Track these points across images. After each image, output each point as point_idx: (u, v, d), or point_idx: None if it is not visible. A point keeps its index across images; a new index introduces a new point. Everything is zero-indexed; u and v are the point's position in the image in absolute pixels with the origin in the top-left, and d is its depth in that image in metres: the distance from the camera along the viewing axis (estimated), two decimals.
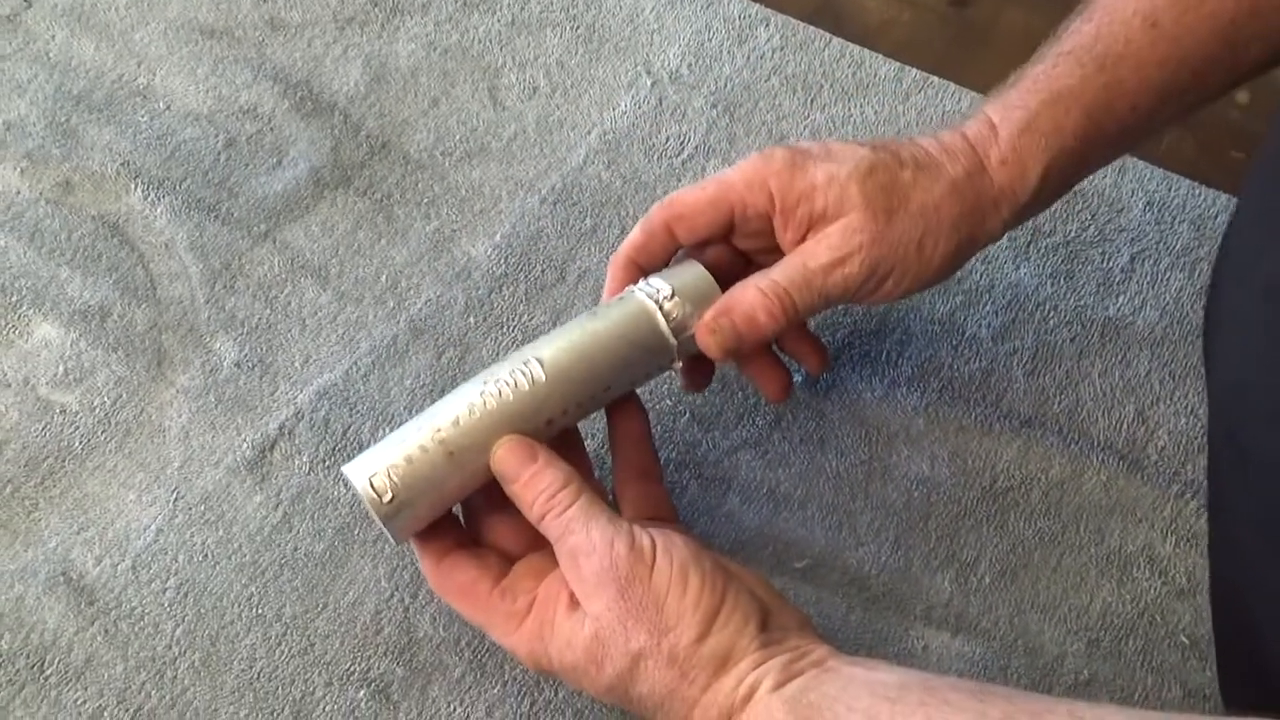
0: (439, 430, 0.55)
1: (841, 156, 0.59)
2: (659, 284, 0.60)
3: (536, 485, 0.55)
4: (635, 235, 0.62)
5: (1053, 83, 0.59)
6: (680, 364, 0.61)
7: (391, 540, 0.58)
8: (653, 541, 0.53)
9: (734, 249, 0.63)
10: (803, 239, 0.60)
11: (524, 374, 0.56)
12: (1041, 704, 0.46)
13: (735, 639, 0.52)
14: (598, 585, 0.52)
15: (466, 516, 0.60)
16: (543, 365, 0.57)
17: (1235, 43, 0.57)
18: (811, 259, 0.58)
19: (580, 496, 0.54)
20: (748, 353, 0.61)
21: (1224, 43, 0.57)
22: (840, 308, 0.72)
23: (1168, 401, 0.70)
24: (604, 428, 0.64)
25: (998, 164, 0.59)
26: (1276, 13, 0.56)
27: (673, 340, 0.60)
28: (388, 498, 0.54)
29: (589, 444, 0.63)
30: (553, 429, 0.58)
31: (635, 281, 0.61)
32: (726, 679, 0.51)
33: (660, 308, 0.59)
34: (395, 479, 0.54)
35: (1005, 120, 0.59)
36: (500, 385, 0.56)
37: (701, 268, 0.61)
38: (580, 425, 0.60)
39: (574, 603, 0.54)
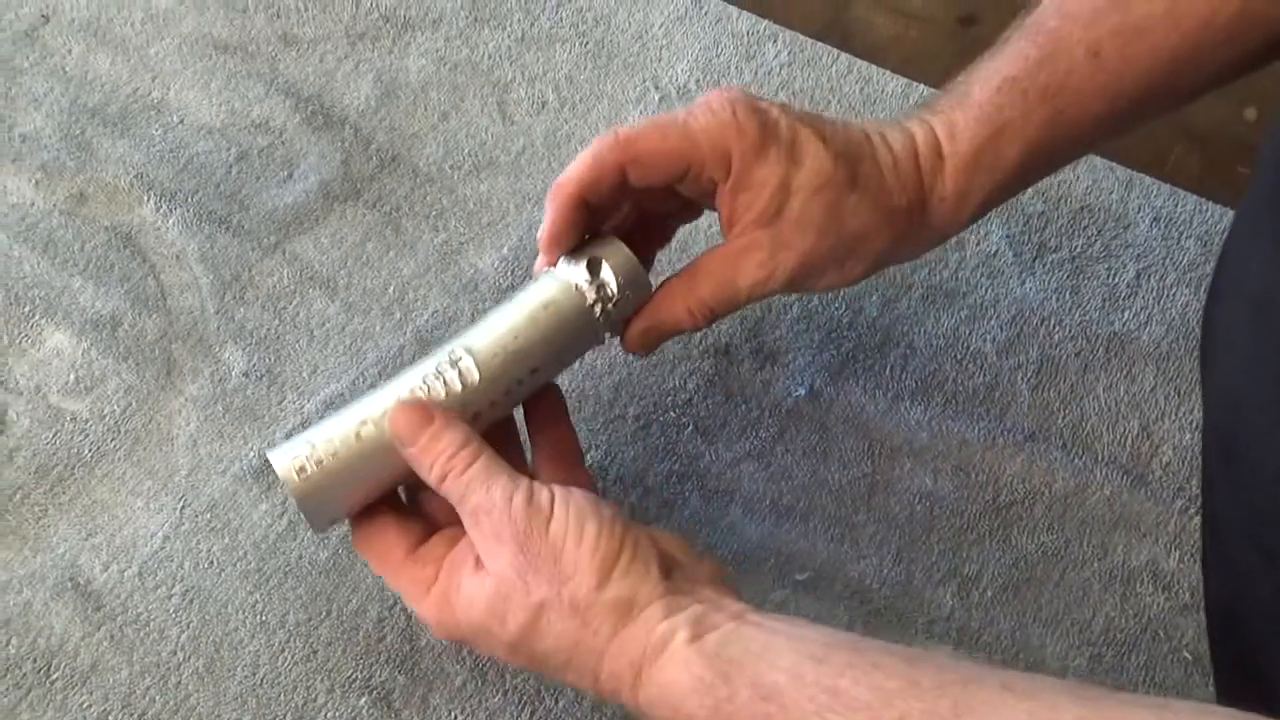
0: (364, 423, 0.55)
1: (804, 159, 0.58)
2: (571, 262, 0.59)
3: (434, 448, 0.54)
4: (585, 171, 0.59)
5: (997, 113, 0.58)
6: (605, 342, 0.61)
7: (311, 527, 0.58)
8: (551, 494, 0.53)
9: (672, 191, 0.62)
10: (732, 222, 0.59)
11: (454, 370, 0.56)
12: (973, 671, 0.45)
13: (638, 585, 0.51)
14: (497, 541, 0.52)
15: (405, 485, 0.60)
16: (474, 360, 0.57)
17: (1175, 74, 0.58)
18: (740, 276, 0.59)
19: (479, 456, 0.54)
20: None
21: (1164, 75, 0.58)
22: (843, 319, 0.72)
23: (1172, 417, 0.70)
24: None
25: (938, 200, 0.59)
26: (1215, 50, 0.57)
27: (601, 321, 0.59)
28: (304, 479, 0.55)
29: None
30: (481, 422, 0.58)
31: (579, 218, 0.59)
32: (634, 627, 0.51)
33: (587, 291, 0.59)
34: (314, 465, 0.55)
35: (952, 152, 0.59)
36: (430, 382, 0.56)
37: (622, 245, 0.60)
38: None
39: (479, 565, 0.54)
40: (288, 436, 0.66)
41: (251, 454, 0.67)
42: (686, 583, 0.53)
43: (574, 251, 0.60)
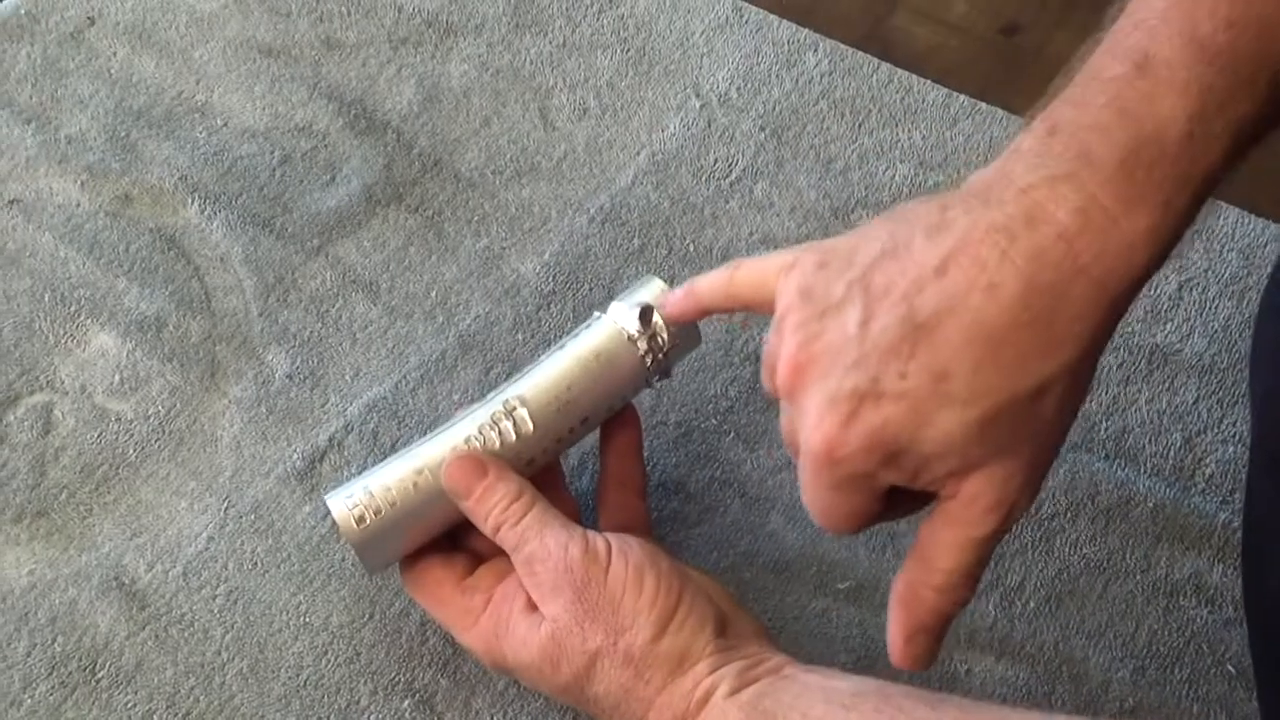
0: (421, 471, 0.57)
1: (932, 401, 0.45)
2: (624, 309, 0.60)
3: (489, 500, 0.56)
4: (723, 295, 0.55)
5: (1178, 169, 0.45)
6: (653, 388, 0.62)
7: (365, 569, 0.60)
8: (608, 544, 0.54)
9: None
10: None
11: (509, 420, 0.58)
12: (997, 714, 0.45)
13: (691, 641, 0.53)
14: (554, 589, 0.54)
15: None
16: (528, 411, 0.58)
17: None
18: (974, 528, 0.47)
19: (534, 507, 0.56)
20: None
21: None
22: None
23: (1215, 429, 0.70)
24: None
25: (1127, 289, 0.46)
26: None
27: (651, 369, 0.60)
28: (363, 529, 0.56)
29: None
30: (533, 468, 0.59)
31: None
32: (683, 680, 0.52)
33: (639, 341, 0.59)
34: (373, 514, 0.56)
35: (1133, 227, 0.44)
36: (485, 432, 0.58)
37: (658, 281, 0.61)
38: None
39: (531, 604, 0.55)
40: (330, 441, 0.67)
41: (295, 456, 0.67)
42: (736, 637, 0.54)
43: (623, 296, 0.61)
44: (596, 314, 0.61)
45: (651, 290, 0.60)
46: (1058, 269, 0.43)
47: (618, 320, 0.60)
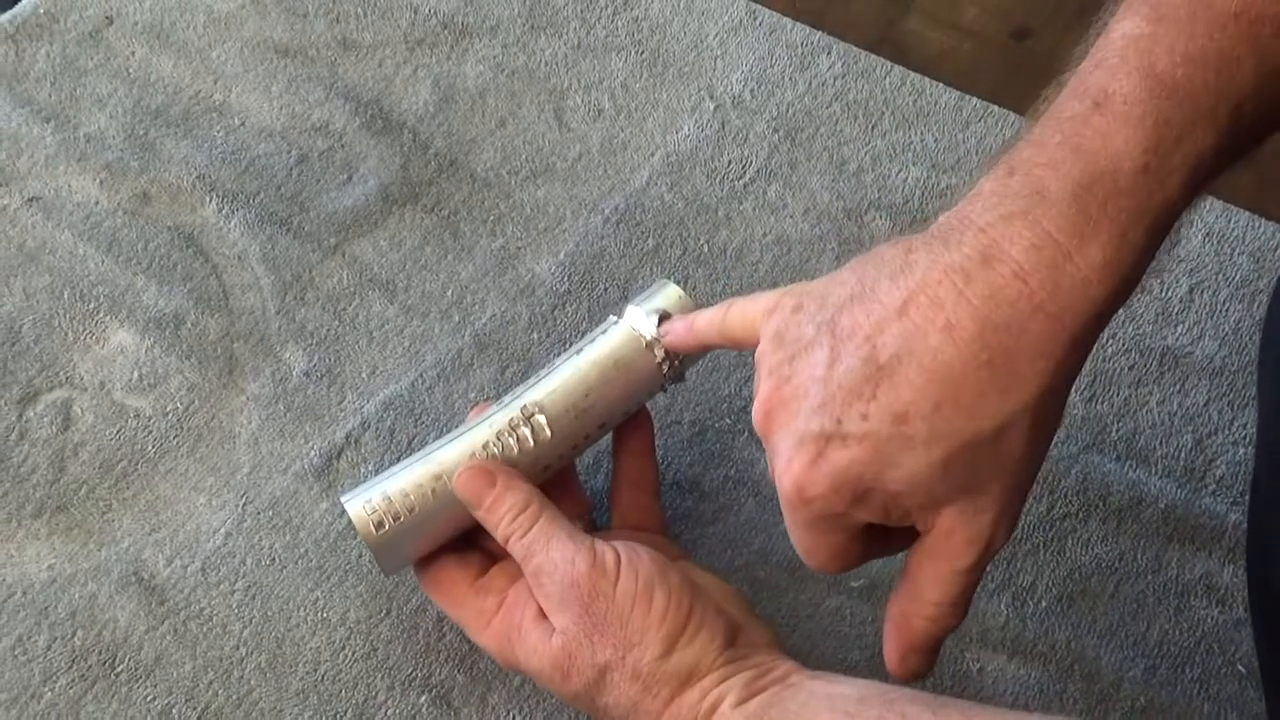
0: (438, 478, 0.58)
1: (899, 447, 0.46)
2: (640, 315, 0.60)
3: (498, 510, 0.57)
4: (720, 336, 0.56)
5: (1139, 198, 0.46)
6: (666, 392, 0.62)
7: (380, 570, 0.61)
8: (617, 556, 0.54)
9: None
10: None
11: (527, 427, 0.58)
12: (999, 717, 0.46)
13: (700, 656, 0.53)
14: (561, 602, 0.54)
15: None
16: (546, 418, 0.59)
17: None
18: (956, 560, 0.48)
19: (540, 517, 0.56)
20: None
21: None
22: None
23: (1226, 432, 0.70)
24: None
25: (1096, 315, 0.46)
26: None
27: (666, 374, 0.61)
28: (381, 534, 0.57)
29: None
30: (549, 473, 0.60)
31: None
32: (691, 693, 0.52)
33: (656, 348, 0.60)
34: (391, 519, 0.57)
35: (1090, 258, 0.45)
36: (504, 439, 0.58)
37: (686, 297, 0.61)
38: None
39: (543, 612, 0.55)
40: (347, 438, 0.68)
41: (313, 453, 0.68)
42: (746, 648, 0.54)
43: (639, 299, 0.61)
44: (612, 318, 0.61)
45: (667, 295, 0.61)
46: (1013, 306, 0.44)
47: (635, 326, 0.60)
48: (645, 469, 0.63)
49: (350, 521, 0.58)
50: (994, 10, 0.89)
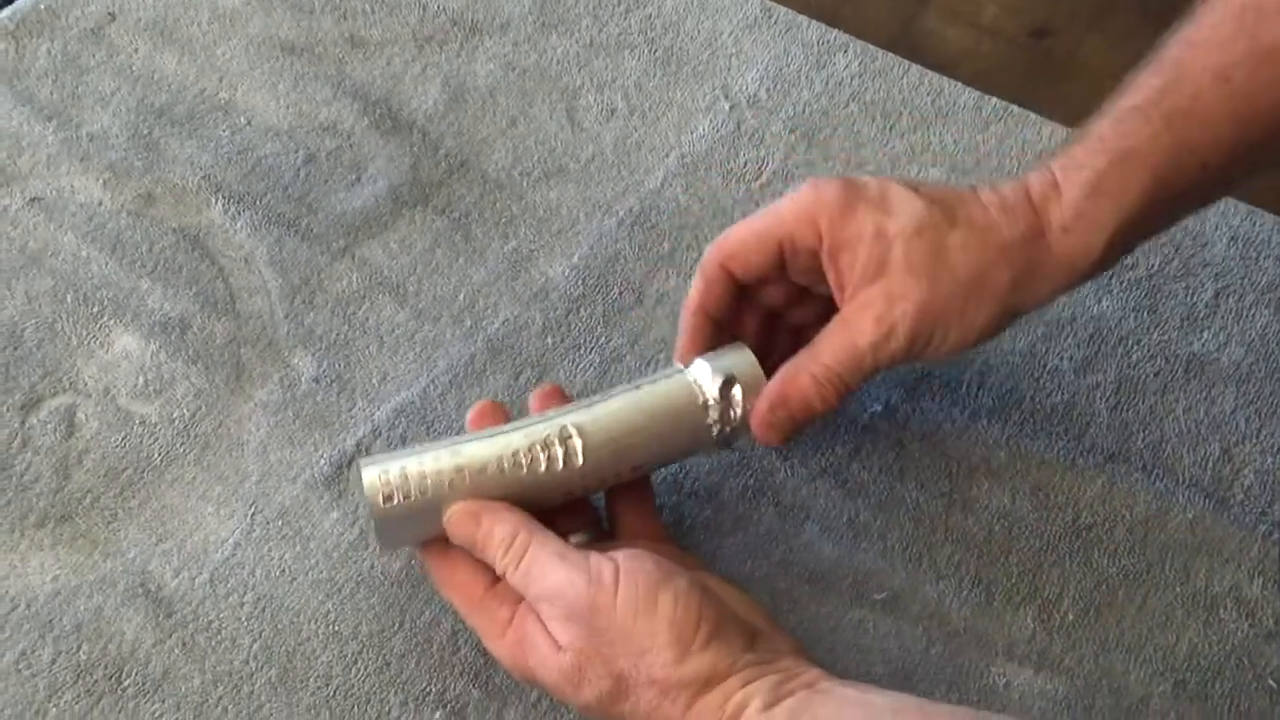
0: (460, 471, 0.56)
1: (894, 207, 0.57)
2: (707, 373, 0.59)
3: (489, 547, 0.56)
4: (697, 283, 0.61)
5: (1119, 141, 0.56)
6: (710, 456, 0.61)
7: (376, 544, 0.60)
8: (615, 567, 0.53)
9: (790, 284, 0.63)
10: (841, 286, 0.58)
11: (562, 447, 0.57)
12: None
13: (718, 659, 0.52)
14: (565, 622, 0.53)
15: None
16: (583, 447, 0.57)
17: None
18: (859, 335, 0.57)
19: (529, 546, 0.55)
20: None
21: None
22: None
23: (1254, 440, 0.69)
24: None
25: (1060, 231, 0.56)
26: None
27: (715, 438, 0.60)
28: (388, 507, 0.56)
29: None
30: (567, 499, 0.59)
31: (709, 333, 0.61)
32: (713, 696, 0.51)
33: (712, 409, 0.59)
34: (402, 496, 0.56)
35: (1070, 181, 0.56)
36: (535, 451, 0.57)
37: (757, 366, 0.60)
38: None
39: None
40: (358, 446, 0.66)
41: (322, 461, 0.66)
42: (768, 653, 0.53)
43: (711, 355, 0.60)
44: (679, 366, 0.60)
45: (740, 360, 0.60)
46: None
47: (698, 381, 0.59)
48: (639, 482, 0.62)
49: (363, 492, 0.56)
50: (1013, 9, 0.87)
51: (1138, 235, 0.58)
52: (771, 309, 0.64)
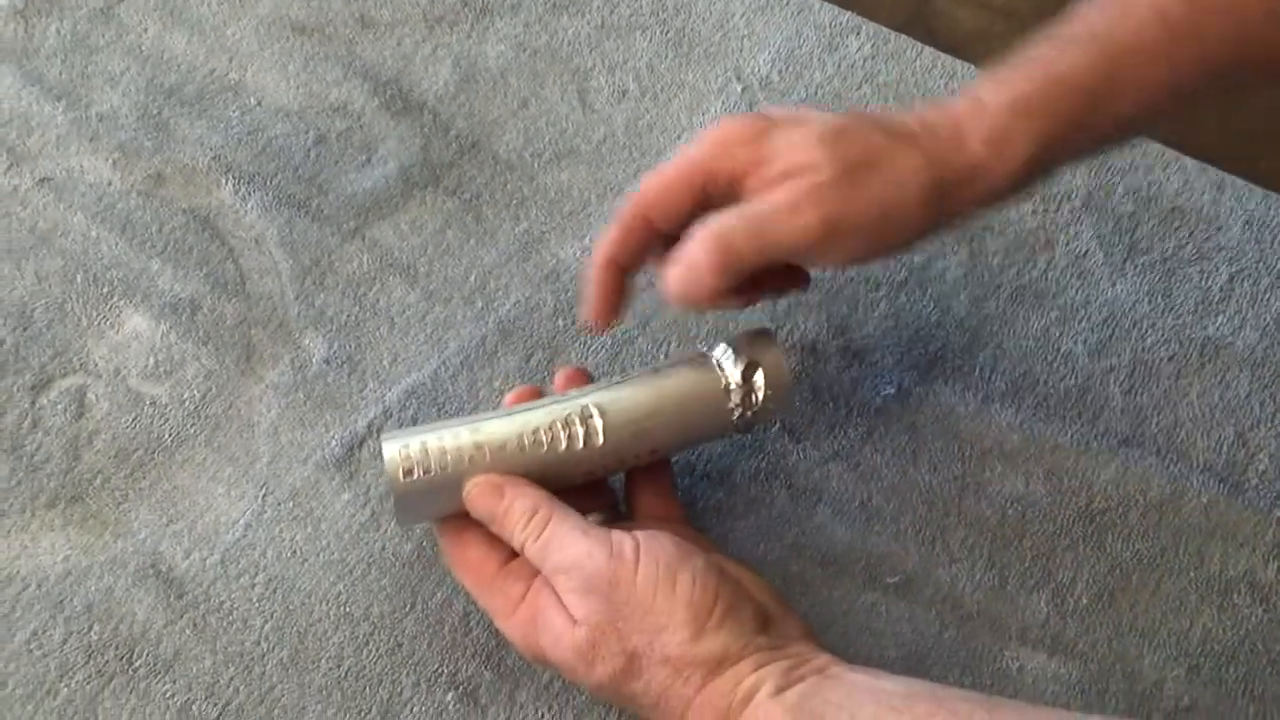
0: (480, 447, 0.56)
1: (810, 120, 0.56)
2: (730, 357, 0.59)
3: (509, 521, 0.55)
4: (612, 233, 0.59)
5: (1053, 65, 0.55)
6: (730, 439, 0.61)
7: (394, 519, 0.61)
8: (635, 543, 0.53)
9: None
10: (762, 191, 0.57)
11: (582, 426, 0.57)
12: (1056, 717, 0.45)
13: (730, 641, 0.52)
14: (583, 595, 0.53)
15: None
16: (604, 427, 0.57)
17: (1249, 46, 0.55)
18: (766, 203, 0.55)
19: (550, 519, 0.55)
20: (711, 299, 0.57)
21: (1236, 44, 0.55)
22: (931, 318, 0.71)
23: (1269, 424, 0.68)
24: None
25: (980, 143, 0.55)
26: None
27: (734, 423, 0.59)
28: (409, 482, 0.56)
29: None
30: (585, 480, 0.59)
31: (620, 286, 0.60)
32: (723, 680, 0.51)
33: (734, 394, 0.59)
34: (422, 471, 0.56)
35: (996, 98, 0.55)
36: (555, 429, 0.57)
37: (782, 357, 0.60)
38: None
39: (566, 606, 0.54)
40: (370, 427, 0.66)
41: (334, 442, 0.66)
42: (780, 638, 0.53)
43: (735, 342, 0.59)
44: (703, 348, 0.60)
45: (764, 345, 0.60)
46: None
47: (721, 365, 0.59)
48: (659, 463, 0.62)
49: (383, 468, 0.57)
50: None
51: (1059, 159, 0.57)
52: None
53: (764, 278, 0.59)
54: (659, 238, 0.59)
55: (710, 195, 0.57)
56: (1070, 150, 0.58)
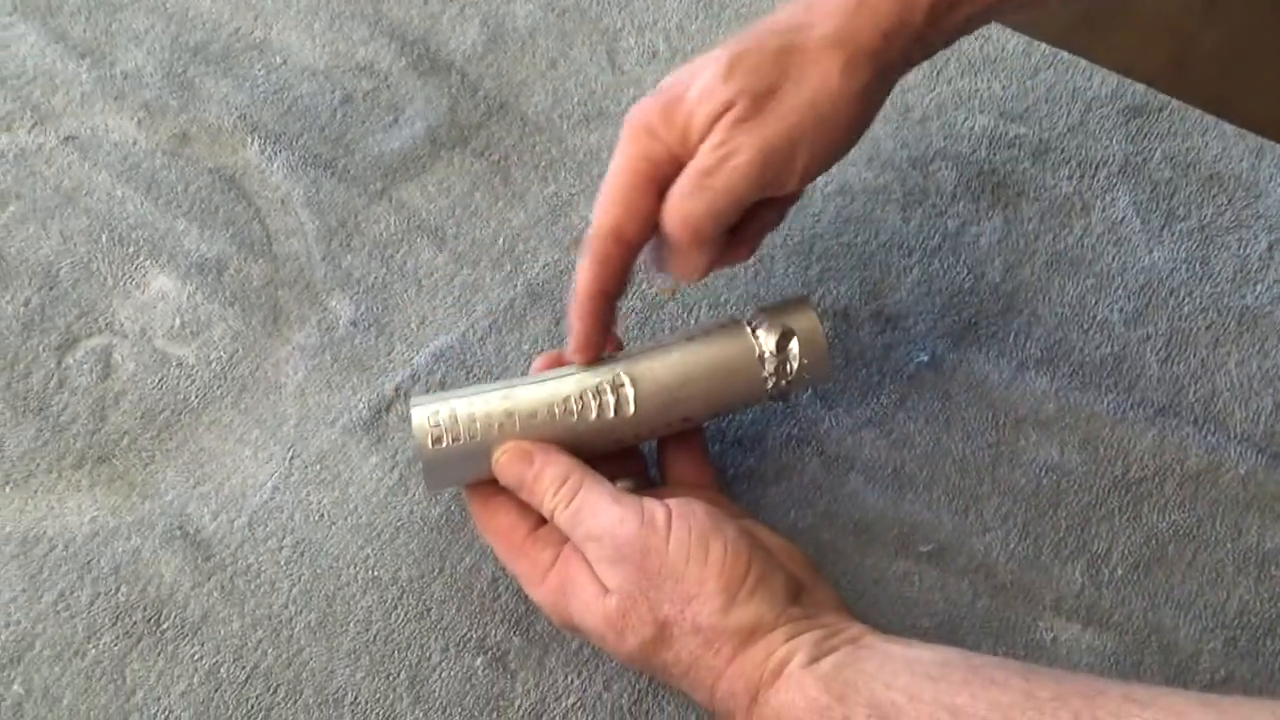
0: (510, 414, 0.56)
1: (708, 64, 0.55)
2: (765, 325, 0.58)
3: (539, 488, 0.55)
4: (590, 269, 0.57)
5: None
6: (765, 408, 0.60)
7: (423, 485, 0.60)
8: (667, 511, 0.53)
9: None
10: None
11: (613, 395, 0.56)
12: (1094, 685, 0.45)
13: (763, 611, 0.51)
14: (614, 563, 0.52)
15: None
16: (635, 395, 0.56)
17: None
18: (703, 158, 0.54)
19: (580, 487, 0.54)
20: (706, 268, 0.57)
21: None
22: (965, 284, 0.70)
23: None
24: None
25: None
26: None
27: (768, 392, 0.59)
28: (437, 449, 0.55)
29: None
30: (616, 448, 0.58)
31: (610, 313, 0.58)
32: (755, 650, 0.51)
33: (768, 362, 0.58)
34: (451, 438, 0.55)
35: None
36: (586, 398, 0.56)
37: (818, 323, 0.58)
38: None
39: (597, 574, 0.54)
40: (397, 390, 0.65)
41: (361, 405, 0.65)
42: (813, 606, 0.53)
43: (770, 309, 0.59)
44: (735, 316, 0.59)
45: (800, 314, 0.59)
46: None
47: (756, 335, 0.58)
48: (692, 429, 0.61)
49: (412, 432, 0.56)
50: None
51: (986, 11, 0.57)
52: None
53: (751, 221, 0.58)
54: (637, 251, 0.57)
55: (664, 182, 0.56)
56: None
